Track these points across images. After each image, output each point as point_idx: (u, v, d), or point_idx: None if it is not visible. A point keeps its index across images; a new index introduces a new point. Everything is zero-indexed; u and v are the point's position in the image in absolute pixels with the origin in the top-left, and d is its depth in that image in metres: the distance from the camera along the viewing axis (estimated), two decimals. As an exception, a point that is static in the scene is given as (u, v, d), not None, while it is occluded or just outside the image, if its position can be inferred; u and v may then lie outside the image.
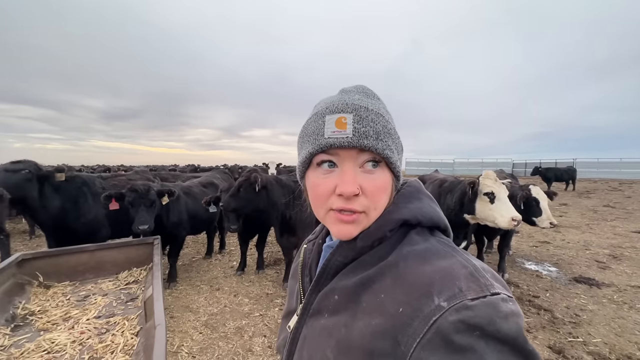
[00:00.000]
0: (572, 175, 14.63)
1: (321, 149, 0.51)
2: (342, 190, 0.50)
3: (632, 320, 2.85)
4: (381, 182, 0.52)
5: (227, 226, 3.46)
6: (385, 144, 0.50)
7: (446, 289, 0.41)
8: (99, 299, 2.20)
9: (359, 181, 0.50)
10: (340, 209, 0.51)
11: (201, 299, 3.38)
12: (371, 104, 0.53)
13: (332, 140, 0.50)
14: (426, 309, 0.41)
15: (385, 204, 0.53)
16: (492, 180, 3.25)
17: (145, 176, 4.50)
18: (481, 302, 0.39)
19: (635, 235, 5.92)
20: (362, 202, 0.51)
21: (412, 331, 0.40)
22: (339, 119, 0.50)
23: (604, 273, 4.04)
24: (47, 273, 2.43)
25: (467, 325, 0.38)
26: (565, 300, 3.28)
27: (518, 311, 0.40)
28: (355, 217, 0.51)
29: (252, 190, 3.21)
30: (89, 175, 3.76)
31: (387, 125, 0.52)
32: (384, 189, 0.52)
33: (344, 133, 0.49)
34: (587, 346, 2.49)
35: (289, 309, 0.68)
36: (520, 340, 0.38)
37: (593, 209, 9.18)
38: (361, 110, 0.51)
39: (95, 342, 1.68)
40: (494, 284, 0.41)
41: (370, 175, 0.51)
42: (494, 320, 0.38)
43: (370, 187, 0.51)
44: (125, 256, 2.81)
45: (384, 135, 0.51)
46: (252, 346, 2.54)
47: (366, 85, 0.59)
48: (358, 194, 0.50)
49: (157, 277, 2.05)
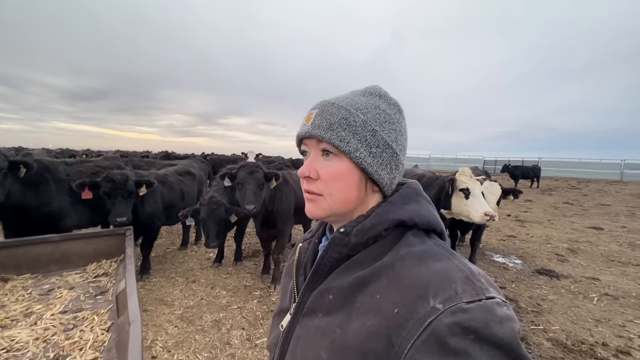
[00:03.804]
0: (537, 173, 15.56)
1: (298, 139, 0.61)
2: (298, 172, 0.59)
3: (586, 309, 3.11)
4: (334, 169, 0.56)
5: (207, 242, 3.22)
6: (337, 134, 0.54)
7: (442, 291, 0.41)
8: (65, 293, 2.06)
9: (316, 167, 0.57)
10: (305, 190, 0.59)
11: (176, 292, 3.28)
12: (347, 100, 0.57)
13: (299, 131, 0.59)
14: (421, 310, 0.41)
15: (343, 192, 0.56)
16: (467, 177, 3.38)
17: (115, 163, 4.23)
18: (477, 306, 0.39)
19: (590, 231, 6.44)
20: (318, 185, 0.57)
21: (407, 332, 0.40)
22: (310, 114, 0.58)
23: (563, 265, 4.37)
24: (4, 265, 2.24)
25: (462, 328, 0.38)
26: (528, 291, 3.51)
27: (513, 316, 0.41)
28: (314, 197, 0.58)
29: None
30: (52, 160, 3.49)
31: (349, 117, 0.55)
32: (337, 177, 0.55)
33: (307, 125, 0.57)
34: (546, 333, 2.70)
35: (282, 308, 0.66)
36: (514, 345, 0.39)
37: (554, 205, 9.85)
38: (327, 105, 0.57)
39: (62, 338, 1.57)
40: (489, 289, 0.42)
41: (325, 163, 0.57)
42: (489, 324, 0.38)
43: (323, 173, 0.56)
44: (93, 247, 2.65)
45: (338, 126, 0.54)
46: (230, 339, 2.51)
47: (378, 85, 0.63)
48: (314, 178, 0.57)
49: (130, 270, 1.95)
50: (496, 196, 3.78)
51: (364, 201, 0.58)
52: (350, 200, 0.56)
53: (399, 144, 0.58)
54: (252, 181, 3.01)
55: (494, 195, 3.77)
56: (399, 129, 0.58)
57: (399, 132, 0.58)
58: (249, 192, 2.97)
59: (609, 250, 5.06)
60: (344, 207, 0.57)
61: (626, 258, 4.68)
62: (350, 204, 0.57)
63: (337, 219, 0.59)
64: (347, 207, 0.57)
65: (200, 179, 5.03)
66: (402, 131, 0.59)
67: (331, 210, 0.57)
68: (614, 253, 4.93)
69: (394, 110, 0.59)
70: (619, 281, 3.80)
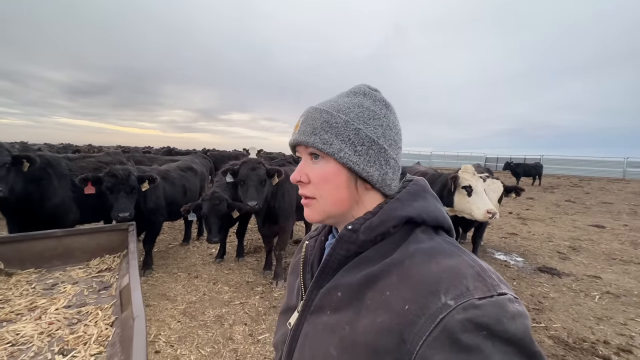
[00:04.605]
0: (539, 171, 15.50)
1: (291, 147, 0.63)
2: (290, 178, 0.61)
3: (587, 307, 3.12)
4: (322, 171, 0.57)
5: (209, 238, 3.30)
6: (320, 137, 0.55)
7: (453, 287, 0.41)
8: (69, 288, 2.07)
9: (306, 171, 0.59)
10: (301, 194, 0.61)
11: (179, 287, 3.30)
12: (330, 104, 0.58)
13: (290, 140, 0.61)
14: (433, 307, 0.40)
15: (333, 193, 0.57)
16: (470, 174, 3.37)
17: (117, 158, 4.24)
18: (489, 302, 0.39)
19: (592, 229, 6.42)
20: (310, 189, 0.58)
21: (418, 329, 0.40)
22: (298, 122, 0.60)
23: (565, 263, 4.37)
24: (9, 260, 2.25)
25: (474, 325, 0.38)
26: (530, 289, 3.51)
27: (525, 312, 0.40)
28: (309, 202, 0.59)
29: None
30: (54, 156, 3.49)
31: (331, 120, 0.56)
32: (325, 179, 0.56)
33: (295, 133, 0.59)
34: (548, 331, 2.70)
35: (288, 305, 0.66)
36: (526, 341, 0.39)
37: (556, 203, 9.82)
38: (311, 111, 0.59)
39: (66, 333, 1.59)
40: (500, 285, 0.42)
41: (313, 166, 0.58)
42: (501, 320, 0.38)
43: (313, 176, 0.58)
44: (96, 242, 2.66)
45: (321, 130, 0.55)
46: (233, 334, 2.53)
47: (364, 84, 0.63)
48: (305, 182, 0.59)
49: (134, 265, 1.95)
50: (498, 194, 3.77)
51: (358, 200, 0.57)
52: (342, 200, 0.57)
53: (387, 139, 0.57)
54: (255, 177, 3.01)
55: (496, 192, 3.76)
56: (386, 124, 0.57)
57: (387, 127, 0.57)
58: (251, 188, 2.97)
59: (611, 249, 5.06)
60: (337, 208, 0.57)
61: (628, 256, 4.67)
62: (342, 205, 0.57)
63: (335, 220, 0.60)
64: (340, 208, 0.57)
65: (202, 175, 5.04)
66: (390, 126, 0.58)
67: (326, 212, 0.58)
68: (616, 251, 4.92)
69: (379, 105, 0.58)
70: (620, 279, 3.80)
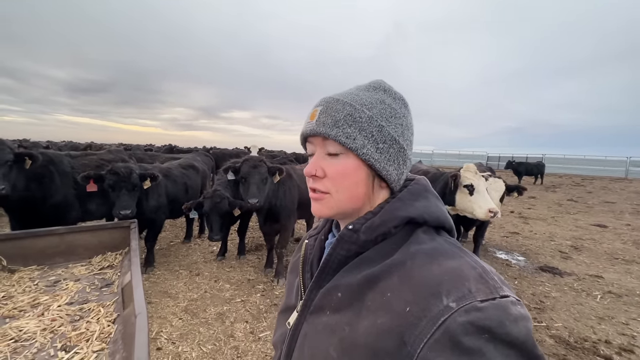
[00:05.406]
0: (541, 170, 15.43)
1: (302, 137, 0.60)
2: (304, 171, 0.58)
3: (589, 307, 3.11)
4: (341, 167, 0.55)
5: (211, 236, 3.32)
6: (343, 131, 0.53)
7: (455, 289, 0.41)
8: (71, 285, 2.09)
9: (323, 165, 0.56)
10: (311, 188, 0.58)
11: (180, 284, 3.31)
12: (351, 96, 0.56)
13: (304, 129, 0.58)
14: (434, 309, 0.40)
15: (350, 189, 0.55)
16: (472, 173, 3.35)
17: (119, 156, 4.25)
18: (491, 304, 0.39)
19: (594, 228, 6.40)
20: (325, 183, 0.56)
21: (420, 331, 0.40)
22: (314, 111, 0.57)
23: (566, 263, 4.35)
24: (11, 256, 2.27)
25: (476, 327, 0.37)
26: (531, 288, 3.51)
27: (527, 315, 0.40)
28: (320, 196, 0.57)
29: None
30: (56, 153, 3.50)
31: (355, 113, 0.54)
32: (344, 174, 0.55)
33: (311, 123, 0.56)
34: (549, 330, 2.70)
35: (288, 305, 0.66)
36: (529, 345, 0.38)
37: (558, 202, 9.79)
38: (331, 102, 0.56)
39: (69, 329, 1.60)
40: (503, 287, 0.41)
41: (332, 160, 0.56)
42: (503, 323, 0.37)
43: (330, 171, 0.55)
44: (98, 240, 2.67)
45: (344, 123, 0.53)
46: (234, 332, 2.54)
47: (382, 80, 0.61)
48: (320, 176, 0.56)
49: (136, 262, 1.96)
50: (500, 193, 3.76)
51: (371, 198, 0.57)
52: (358, 197, 0.56)
53: (405, 139, 0.57)
54: (256, 175, 3.00)
55: (498, 191, 3.74)
56: (405, 124, 0.58)
57: (405, 126, 0.58)
58: (253, 186, 2.97)
59: (613, 248, 5.03)
60: (351, 204, 0.56)
61: (630, 256, 4.65)
62: (357, 201, 0.56)
63: (344, 216, 0.59)
64: (354, 205, 0.56)
65: (204, 173, 5.05)
66: (408, 125, 0.58)
67: (338, 208, 0.56)
68: (618, 251, 4.90)
69: (400, 104, 0.58)
70: (622, 279, 3.79)
